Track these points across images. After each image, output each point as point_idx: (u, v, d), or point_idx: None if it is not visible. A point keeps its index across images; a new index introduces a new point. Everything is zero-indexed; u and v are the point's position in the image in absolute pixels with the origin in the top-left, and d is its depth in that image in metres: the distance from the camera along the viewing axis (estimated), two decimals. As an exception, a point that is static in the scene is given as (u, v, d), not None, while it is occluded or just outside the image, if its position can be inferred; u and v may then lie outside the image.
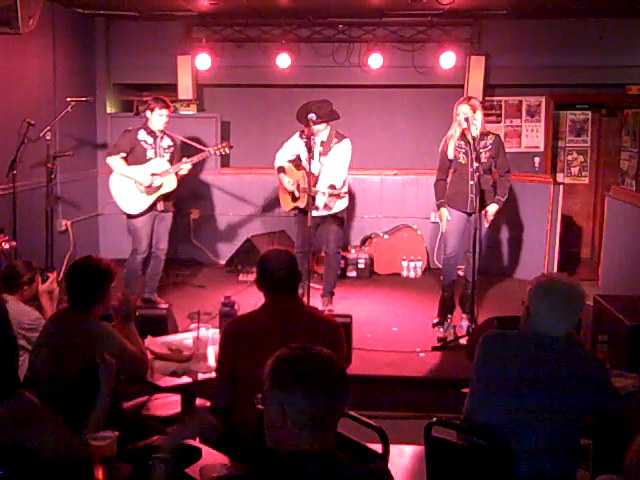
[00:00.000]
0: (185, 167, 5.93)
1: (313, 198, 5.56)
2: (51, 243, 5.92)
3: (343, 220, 6.07)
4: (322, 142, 5.79)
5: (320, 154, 5.78)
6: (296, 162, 6.00)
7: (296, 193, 5.87)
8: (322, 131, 5.76)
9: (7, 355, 2.32)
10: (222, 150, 6.09)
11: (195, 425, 2.58)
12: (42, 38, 6.61)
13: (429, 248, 7.84)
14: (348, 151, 5.82)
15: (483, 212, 5.50)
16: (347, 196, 5.96)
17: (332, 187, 5.69)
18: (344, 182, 5.82)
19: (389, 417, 4.12)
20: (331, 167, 5.77)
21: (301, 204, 5.84)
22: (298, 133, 5.93)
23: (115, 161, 5.92)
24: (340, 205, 5.90)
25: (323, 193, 5.63)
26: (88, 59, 7.85)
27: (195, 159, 5.98)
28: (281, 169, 5.95)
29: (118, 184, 5.98)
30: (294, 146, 5.94)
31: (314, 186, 5.62)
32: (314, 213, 5.61)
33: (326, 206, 5.77)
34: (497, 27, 7.71)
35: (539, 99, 8.25)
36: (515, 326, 2.84)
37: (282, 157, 5.98)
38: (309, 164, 5.42)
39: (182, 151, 6.17)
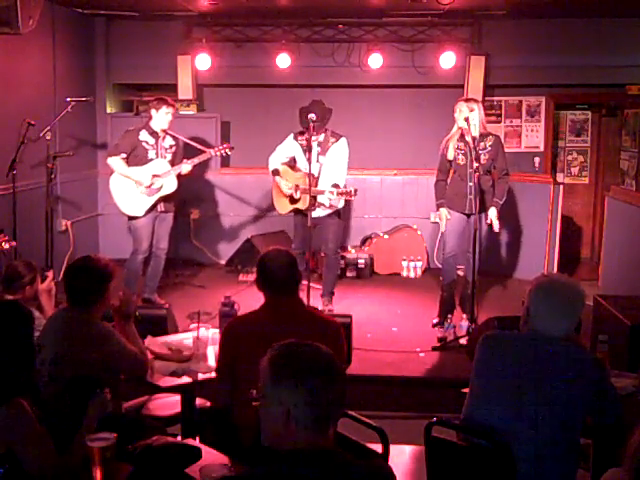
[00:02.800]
0: (185, 168, 5.93)
1: (314, 198, 5.53)
2: (51, 243, 5.91)
3: (341, 220, 6.04)
4: (319, 142, 5.76)
5: (318, 154, 5.75)
6: (290, 164, 5.99)
7: (295, 195, 5.82)
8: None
9: (7, 363, 2.33)
10: (223, 152, 6.10)
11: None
12: (42, 38, 6.61)
13: (429, 248, 7.84)
14: (346, 150, 5.82)
15: (489, 220, 5.48)
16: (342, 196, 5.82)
17: (336, 186, 5.55)
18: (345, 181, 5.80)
19: (389, 417, 4.11)
20: (331, 166, 5.75)
21: (302, 205, 5.78)
22: (292, 135, 5.93)
23: (116, 162, 5.92)
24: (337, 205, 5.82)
25: (331, 192, 5.48)
26: (88, 59, 7.85)
27: (196, 160, 5.99)
28: (276, 172, 5.94)
29: (118, 186, 5.98)
30: (288, 148, 5.95)
31: (315, 186, 5.58)
32: (312, 214, 5.61)
33: (332, 206, 5.70)
34: (497, 27, 7.71)
35: (539, 99, 8.25)
36: (515, 326, 2.84)
37: (276, 160, 5.96)
38: (309, 164, 5.39)
39: (184, 151, 6.17)
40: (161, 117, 5.90)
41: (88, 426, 2.45)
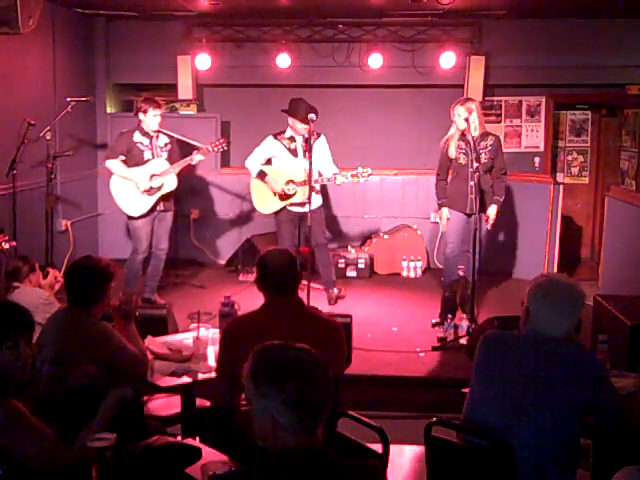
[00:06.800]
0: (197, 158, 5.92)
1: (310, 190, 5.68)
2: (51, 243, 5.92)
3: (322, 214, 6.29)
4: (304, 138, 5.98)
5: (304, 149, 6.01)
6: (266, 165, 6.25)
7: (290, 191, 6.01)
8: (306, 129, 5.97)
9: None
10: (219, 147, 6.08)
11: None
12: (42, 38, 6.61)
13: (429, 248, 7.83)
14: (327, 144, 6.12)
15: (485, 216, 5.51)
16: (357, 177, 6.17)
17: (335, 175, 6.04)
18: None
19: (389, 417, 4.11)
20: (321, 159, 6.04)
21: (299, 198, 5.98)
22: (271, 136, 6.17)
23: (114, 164, 5.92)
24: (318, 201, 6.14)
25: (344, 175, 5.88)
26: (88, 59, 7.85)
27: (204, 150, 5.98)
28: (263, 174, 6.12)
29: (119, 187, 5.97)
30: (268, 150, 6.18)
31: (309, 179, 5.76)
32: (295, 210, 6.04)
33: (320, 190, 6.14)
34: (497, 27, 7.71)
35: (539, 99, 8.25)
36: (515, 326, 2.84)
37: (256, 163, 6.17)
38: (310, 161, 5.51)
39: (179, 148, 6.17)
40: (150, 120, 5.90)
41: (105, 410, 2.50)
